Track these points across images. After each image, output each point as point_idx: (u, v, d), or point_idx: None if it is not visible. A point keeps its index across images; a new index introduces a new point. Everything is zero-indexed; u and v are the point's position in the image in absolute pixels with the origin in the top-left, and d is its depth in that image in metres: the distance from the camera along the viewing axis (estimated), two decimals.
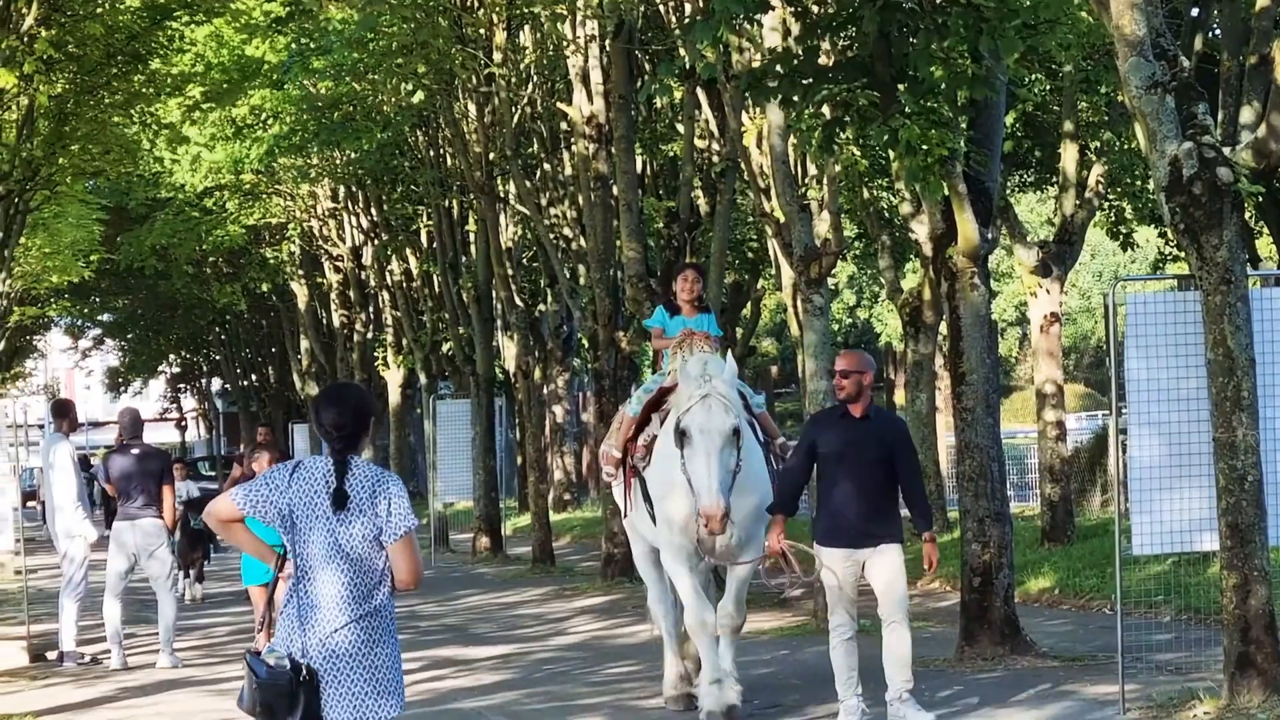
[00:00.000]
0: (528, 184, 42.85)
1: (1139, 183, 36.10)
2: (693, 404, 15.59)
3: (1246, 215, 25.48)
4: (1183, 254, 19.34)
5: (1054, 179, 36.61)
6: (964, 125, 24.73)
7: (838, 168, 33.50)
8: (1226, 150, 18.56)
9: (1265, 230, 35.24)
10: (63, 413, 29.33)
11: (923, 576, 29.17)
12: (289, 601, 11.00)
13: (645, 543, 18.15)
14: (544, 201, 43.01)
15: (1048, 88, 31.76)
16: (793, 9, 26.99)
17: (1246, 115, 20.46)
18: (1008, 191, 31.90)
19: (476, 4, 37.10)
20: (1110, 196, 36.81)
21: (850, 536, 15.41)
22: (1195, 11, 29.83)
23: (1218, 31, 29.93)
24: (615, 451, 17.68)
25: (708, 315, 17.77)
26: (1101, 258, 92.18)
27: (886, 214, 38.38)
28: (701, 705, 16.41)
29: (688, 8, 29.80)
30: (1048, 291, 35.35)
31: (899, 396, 68.33)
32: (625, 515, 18.39)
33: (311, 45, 34.45)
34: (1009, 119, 29.34)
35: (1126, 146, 32.21)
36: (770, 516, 16.64)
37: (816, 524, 16.19)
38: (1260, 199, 31.39)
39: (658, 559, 17.75)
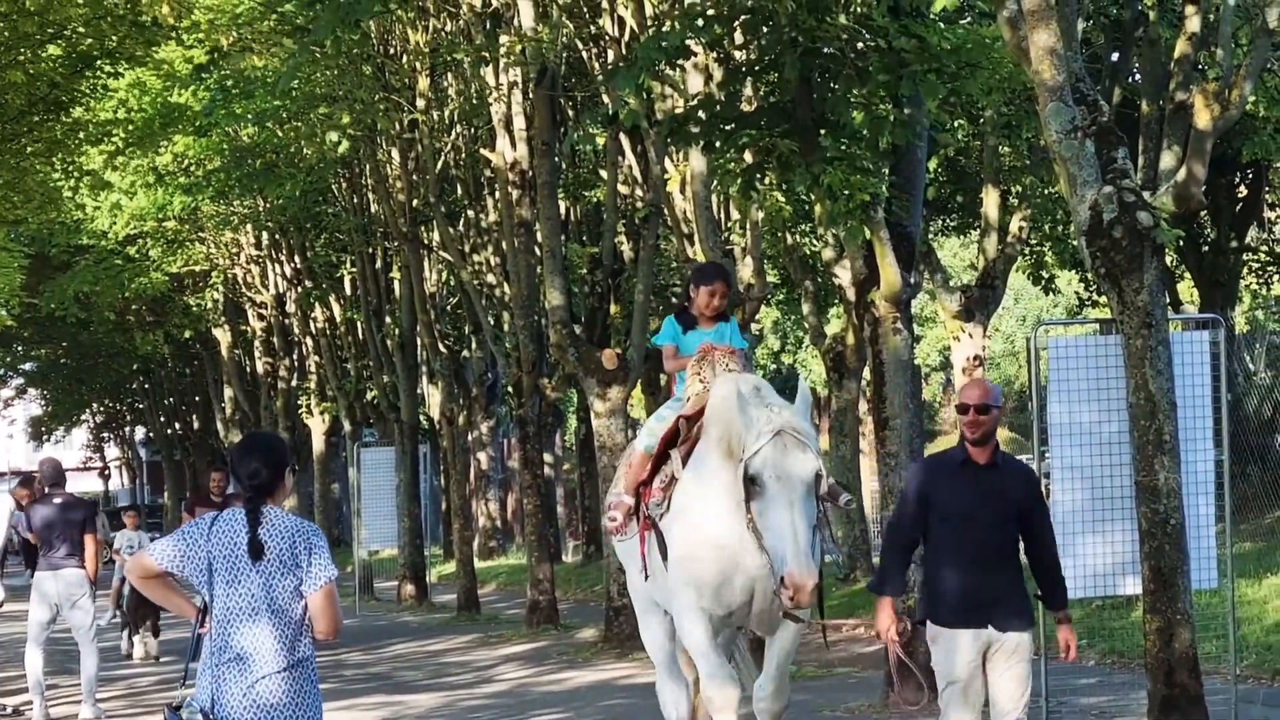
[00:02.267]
0: (451, 231, 42.90)
1: (1060, 227, 36.18)
2: (763, 443, 11.86)
3: (1167, 259, 25.57)
4: (1104, 298, 19.46)
5: (976, 224, 36.86)
6: (886, 170, 24.80)
7: (760, 213, 33.58)
8: (1146, 195, 18.67)
9: (1186, 274, 35.47)
10: None
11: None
12: (208, 657, 11.02)
13: (659, 613, 14.03)
14: (467, 248, 43.06)
15: (969, 132, 31.92)
16: (715, 55, 27.07)
17: (1166, 160, 20.58)
18: (930, 236, 32.04)
19: (400, 51, 37.12)
20: (1032, 241, 37.00)
21: (979, 616, 11.48)
22: (1115, 57, 29.98)
23: (1137, 77, 30.10)
24: (628, 498, 13.59)
25: (728, 324, 13.98)
26: (1024, 302, 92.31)
27: (809, 259, 38.49)
28: None
29: (610, 54, 29.83)
30: (970, 336, 35.49)
31: (824, 442, 68.35)
32: (645, 577, 13.79)
33: (234, 90, 34.46)
34: (931, 164, 29.48)
35: (1048, 191, 32.35)
36: (873, 595, 12.83)
37: (926, 601, 12.23)
38: (1180, 243, 31.53)
39: (666, 628, 14.03)
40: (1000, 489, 11.36)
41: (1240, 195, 34.96)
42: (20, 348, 67.87)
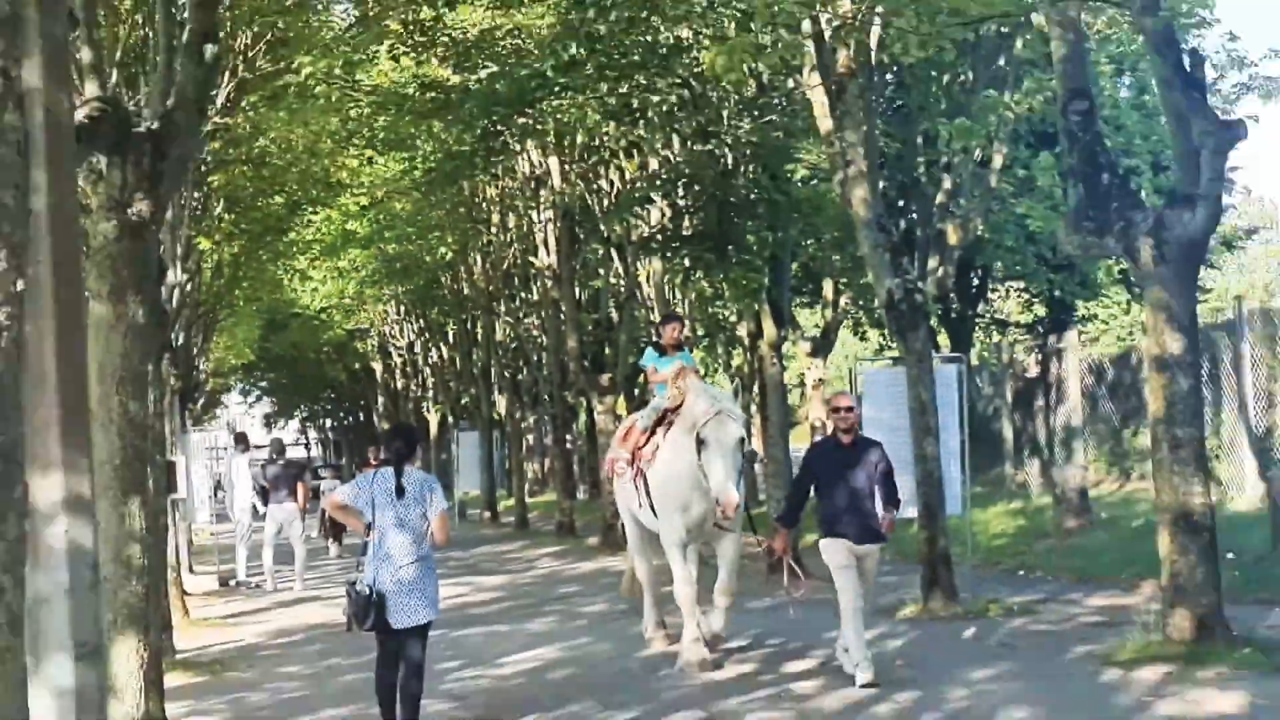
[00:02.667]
0: (511, 305, 43.00)
1: (871, 301, 36.23)
2: (709, 418, 12.93)
3: (931, 322, 25.63)
4: (895, 344, 19.47)
5: (820, 300, 36.63)
6: (767, 271, 24.86)
7: (693, 293, 33.71)
8: (920, 284, 18.79)
9: (942, 330, 35.38)
10: (241, 440, 29.89)
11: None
12: (371, 554, 11.18)
13: (638, 525, 15.06)
14: (521, 315, 43.05)
15: (817, 247, 31.82)
16: (667, 202, 27.13)
17: (931, 264, 20.62)
18: (793, 307, 32.04)
19: (482, 198, 37.08)
20: (852, 310, 36.80)
21: (851, 535, 12.53)
22: (900, 202, 29.91)
23: (915, 215, 30.06)
24: (626, 454, 14.67)
25: (684, 353, 14.94)
26: (849, 346, 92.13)
27: (722, 321, 38.41)
28: (682, 656, 13.60)
29: (606, 201, 29.81)
30: (816, 367, 35.48)
31: None
32: (638, 504, 14.59)
33: (385, 223, 34.60)
34: (794, 266, 29.47)
35: (862, 281, 32.29)
36: (778, 526, 14.15)
37: (822, 527, 13.01)
38: (939, 312, 31.57)
39: (643, 536, 15.03)
40: (861, 460, 12.59)
41: (974, 284, 34.87)
42: (258, 374, 67.81)
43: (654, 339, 15.14)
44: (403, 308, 52.29)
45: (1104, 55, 27.47)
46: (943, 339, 33.52)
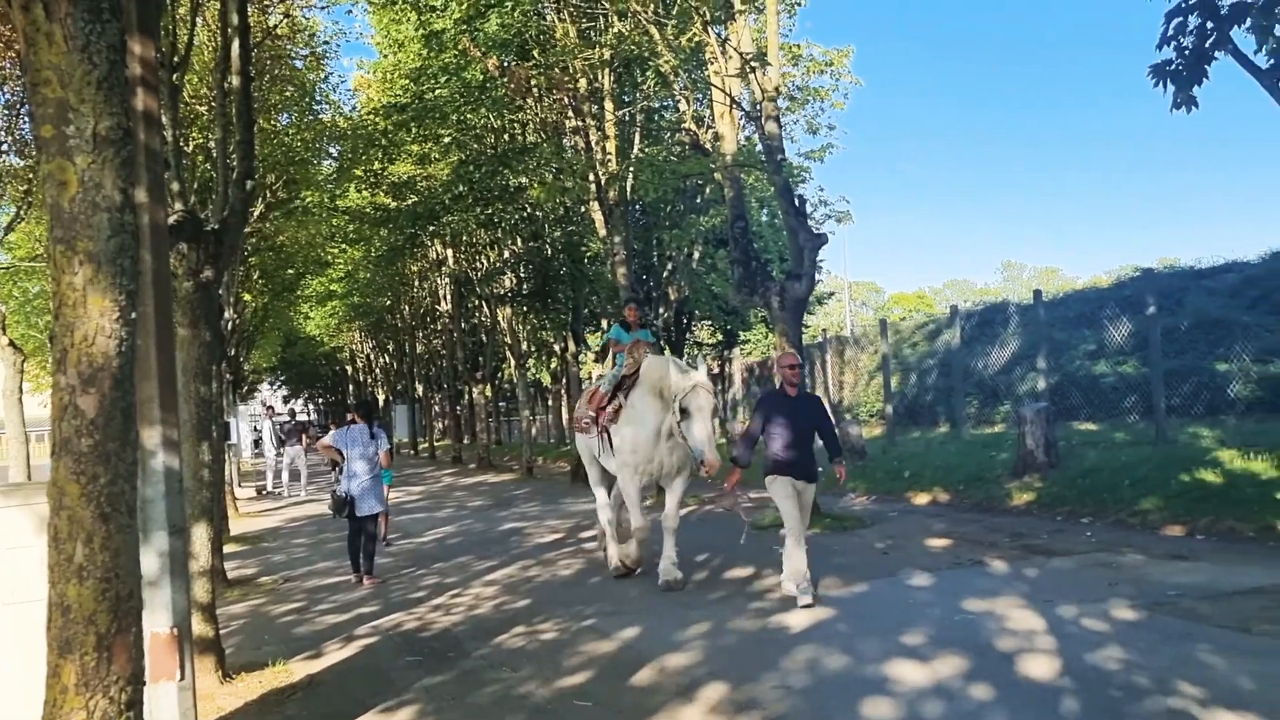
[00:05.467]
0: (426, 332, 41.92)
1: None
2: (688, 391, 9.08)
3: (661, 343, 25.57)
4: None
5: (600, 329, 36.38)
6: (570, 313, 24.76)
7: (529, 326, 33.45)
8: (655, 322, 18.66)
9: (667, 347, 35.60)
10: (269, 409, 28.90)
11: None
12: (345, 473, 10.95)
13: (599, 469, 10.96)
14: (430, 338, 42.06)
15: (598, 300, 31.79)
16: (514, 274, 26.91)
17: (661, 310, 20.64)
18: (585, 333, 32.02)
19: (408, 272, 36.31)
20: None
21: (793, 473, 8.62)
22: (644, 276, 30.00)
23: (651, 283, 30.18)
24: (591, 412, 10.68)
25: (645, 331, 10.97)
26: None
27: (544, 341, 38.18)
28: (663, 576, 9.48)
29: (479, 274, 29.42)
30: (597, 368, 35.55)
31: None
32: (598, 455, 10.68)
33: (352, 288, 33.88)
34: (585, 310, 29.38)
35: None
36: (703, 463, 9.01)
37: (768, 465, 8.87)
38: (666, 338, 31.60)
39: (603, 478, 10.95)
40: (803, 409, 8.68)
41: (685, 322, 35.14)
42: (279, 371, 65.15)
43: (622, 317, 11.20)
44: (364, 334, 51.08)
45: (754, 197, 28.02)
46: (668, 353, 33.76)
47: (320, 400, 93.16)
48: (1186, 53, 8.76)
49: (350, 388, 61.85)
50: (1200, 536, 10.02)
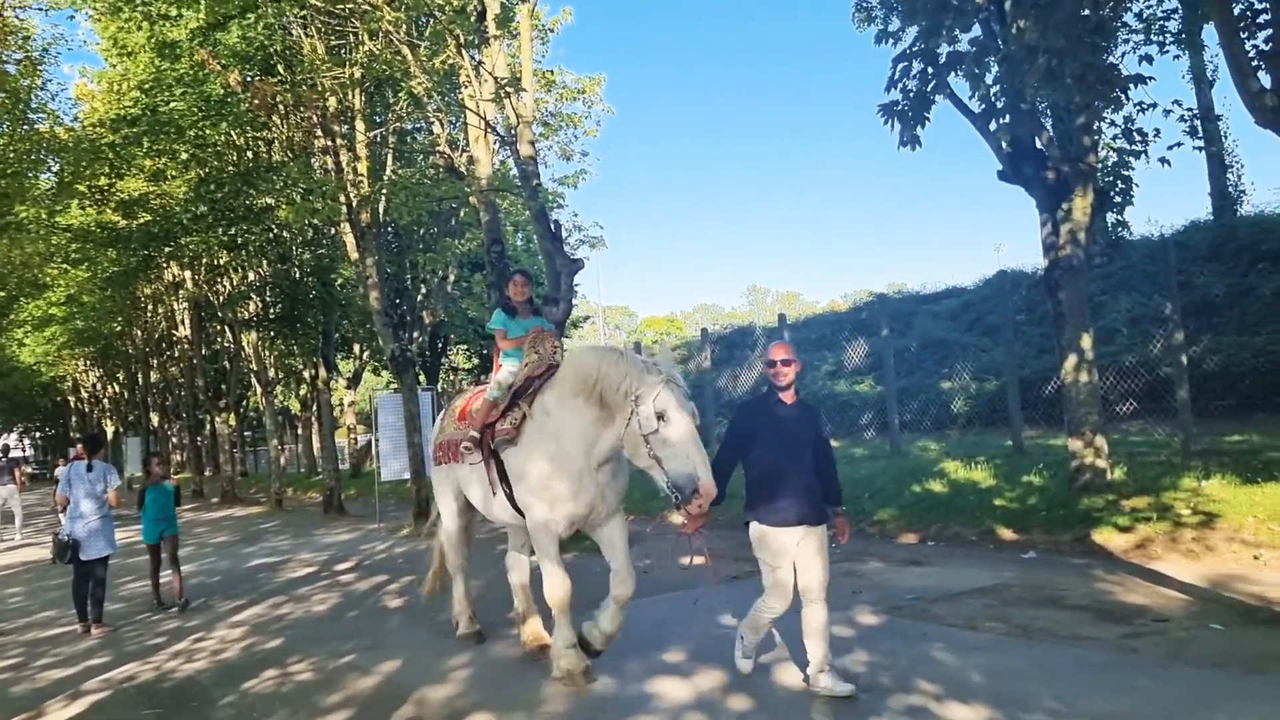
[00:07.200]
0: (161, 359, 39.23)
1: (381, 356, 35.00)
2: (659, 390, 5.91)
3: (416, 367, 25.08)
4: (396, 381, 18.77)
5: (352, 354, 35.15)
6: (321, 338, 23.92)
7: (276, 352, 31.98)
8: (410, 347, 18.33)
9: (422, 372, 34.94)
10: None
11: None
12: (70, 513, 10.19)
13: (456, 504, 7.72)
14: (167, 365, 39.41)
15: (350, 325, 30.61)
16: (260, 298, 25.68)
17: (416, 335, 20.29)
18: (336, 359, 30.98)
19: (141, 296, 33.89)
20: (371, 361, 35.58)
21: (794, 517, 5.95)
22: (397, 300, 29.28)
23: (405, 307, 29.47)
24: (474, 431, 7.00)
25: (538, 316, 7.56)
26: (369, 381, 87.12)
27: (292, 367, 36.67)
28: (559, 664, 6.62)
29: (221, 298, 27.86)
30: (349, 394, 34.66)
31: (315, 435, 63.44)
32: (495, 492, 6.95)
33: (75, 313, 31.20)
34: (336, 335, 28.38)
35: (376, 344, 31.46)
36: (695, 492, 5.91)
37: (756, 505, 6.08)
38: (422, 362, 30.98)
39: (466, 527, 7.88)
40: (803, 423, 6.10)
41: (440, 346, 34.54)
42: None
43: (505, 297, 7.70)
44: (90, 361, 47.21)
45: (509, 221, 27.99)
46: (422, 378, 33.28)
47: (38, 434, 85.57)
48: (911, 95, 9.47)
49: (74, 419, 57.12)
50: (931, 542, 10.78)
